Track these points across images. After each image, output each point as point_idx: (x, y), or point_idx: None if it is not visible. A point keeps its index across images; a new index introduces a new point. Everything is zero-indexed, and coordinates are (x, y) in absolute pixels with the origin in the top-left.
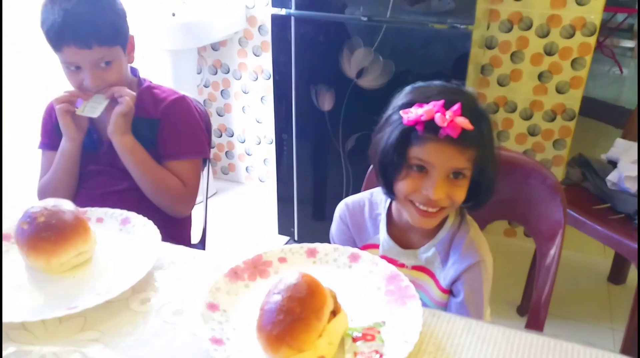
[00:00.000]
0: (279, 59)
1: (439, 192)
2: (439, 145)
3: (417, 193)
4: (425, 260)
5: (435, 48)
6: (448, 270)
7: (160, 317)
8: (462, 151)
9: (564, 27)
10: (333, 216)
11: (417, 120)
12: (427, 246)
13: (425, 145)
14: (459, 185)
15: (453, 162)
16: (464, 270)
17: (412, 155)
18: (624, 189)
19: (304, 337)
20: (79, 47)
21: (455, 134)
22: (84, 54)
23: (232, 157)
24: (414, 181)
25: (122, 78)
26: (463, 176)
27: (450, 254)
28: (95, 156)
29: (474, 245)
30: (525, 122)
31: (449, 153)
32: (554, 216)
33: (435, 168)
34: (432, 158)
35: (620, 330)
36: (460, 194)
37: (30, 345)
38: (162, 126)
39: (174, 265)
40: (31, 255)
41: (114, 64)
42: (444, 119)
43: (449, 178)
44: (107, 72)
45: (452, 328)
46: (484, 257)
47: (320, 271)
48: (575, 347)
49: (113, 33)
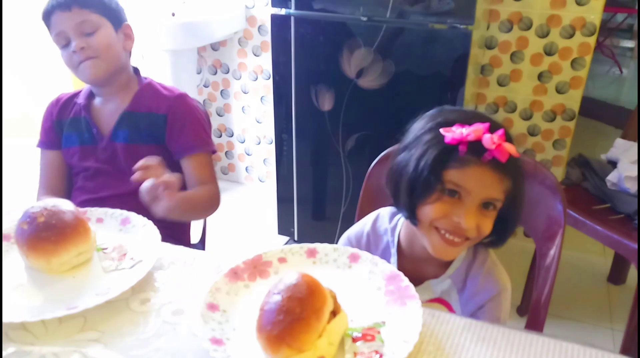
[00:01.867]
0: (279, 59)
1: (470, 221)
2: (480, 170)
3: (445, 219)
4: (441, 292)
5: (435, 48)
6: (467, 301)
7: (160, 317)
8: (501, 180)
9: (564, 27)
10: (332, 215)
11: (461, 139)
12: (442, 277)
13: (465, 169)
14: (488, 216)
15: (490, 190)
16: (486, 302)
17: (448, 178)
18: (624, 189)
19: (304, 337)
20: (61, 11)
21: (504, 159)
22: (64, 17)
23: (231, 157)
24: (444, 206)
25: (111, 51)
26: (494, 207)
27: (467, 284)
28: (94, 150)
29: (493, 274)
30: (525, 123)
31: (489, 179)
32: (554, 216)
33: (470, 195)
34: (470, 183)
35: (620, 331)
36: (488, 226)
37: (30, 345)
38: (171, 122)
39: (174, 265)
40: (31, 255)
41: (99, 32)
42: (493, 142)
43: (480, 208)
44: (92, 39)
45: (451, 328)
46: (505, 285)
47: (320, 272)
48: (575, 347)
49: (97, 1)
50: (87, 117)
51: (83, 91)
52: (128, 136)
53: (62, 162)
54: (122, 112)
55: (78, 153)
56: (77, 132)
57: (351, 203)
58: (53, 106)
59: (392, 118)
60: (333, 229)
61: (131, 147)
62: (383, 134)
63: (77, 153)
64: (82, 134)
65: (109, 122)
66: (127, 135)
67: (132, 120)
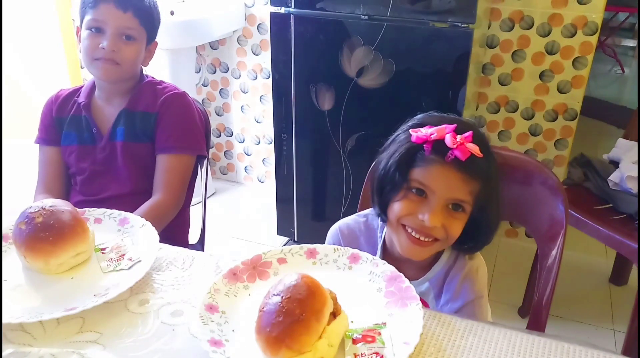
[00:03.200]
0: (279, 58)
1: (434, 219)
2: (444, 169)
3: (411, 217)
4: (419, 293)
5: (436, 47)
6: (442, 307)
7: (159, 318)
8: (466, 181)
9: (565, 26)
10: (332, 216)
11: (426, 138)
12: (421, 280)
13: (429, 167)
14: (456, 218)
15: (455, 191)
16: (459, 308)
17: (414, 177)
18: (626, 189)
19: (304, 339)
20: (116, 7)
21: (463, 157)
22: (117, 15)
23: (231, 157)
24: (410, 204)
25: (134, 64)
26: (462, 210)
27: (444, 289)
28: (92, 150)
29: (469, 282)
30: (526, 122)
31: (453, 180)
32: (556, 216)
33: (435, 194)
34: (434, 182)
35: (621, 331)
36: (457, 228)
37: (28, 346)
38: (159, 120)
39: (173, 265)
40: (29, 255)
41: (135, 42)
42: (455, 141)
43: (448, 209)
44: (126, 46)
45: (453, 329)
46: (480, 293)
47: (320, 273)
48: (577, 348)
49: (149, 14)
50: (87, 116)
51: (83, 89)
52: (125, 134)
53: (61, 158)
54: (120, 111)
55: (76, 151)
56: (77, 130)
57: (351, 204)
58: (52, 102)
59: (393, 118)
60: None
61: (128, 145)
62: (383, 133)
63: (75, 151)
64: (82, 133)
65: (109, 121)
66: (124, 133)
67: (129, 118)
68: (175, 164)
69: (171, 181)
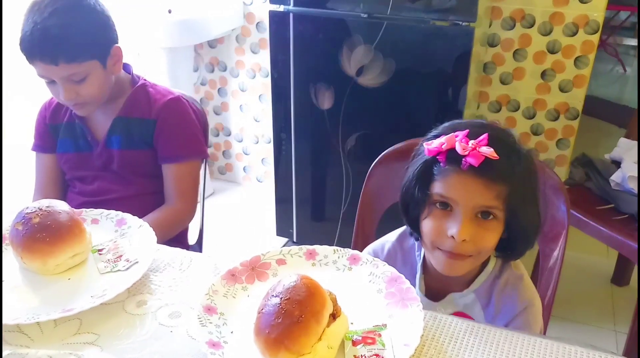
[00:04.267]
0: (278, 56)
1: (464, 232)
2: (462, 178)
3: (442, 237)
4: (464, 306)
5: (436, 46)
6: (494, 318)
7: (157, 320)
8: (488, 186)
9: (567, 25)
10: (331, 216)
11: (438, 150)
12: (466, 291)
13: (447, 178)
14: (488, 228)
15: (478, 198)
16: (513, 318)
17: (434, 191)
18: (628, 189)
19: (303, 341)
20: (45, 64)
21: (476, 163)
22: (52, 69)
23: (229, 157)
24: (437, 220)
25: (101, 92)
26: (493, 217)
27: (492, 301)
28: (89, 157)
29: (519, 290)
30: (528, 122)
31: (473, 186)
32: (557, 216)
33: (459, 205)
34: (455, 193)
35: (623, 332)
36: (489, 238)
37: (25, 347)
38: (159, 128)
39: (170, 267)
40: (26, 256)
41: (89, 79)
42: (466, 148)
43: (477, 218)
44: (81, 87)
45: (453, 331)
46: (532, 301)
47: (319, 274)
48: (578, 350)
49: (84, 49)
50: (80, 123)
51: None
52: (121, 142)
53: (57, 165)
54: (115, 118)
55: (73, 159)
56: (72, 138)
57: (351, 204)
58: (45, 108)
59: (393, 117)
60: (333, 230)
61: (126, 153)
62: (384, 133)
63: (72, 159)
64: (77, 140)
65: (103, 128)
66: (120, 141)
67: (124, 126)
68: (185, 172)
69: (184, 189)
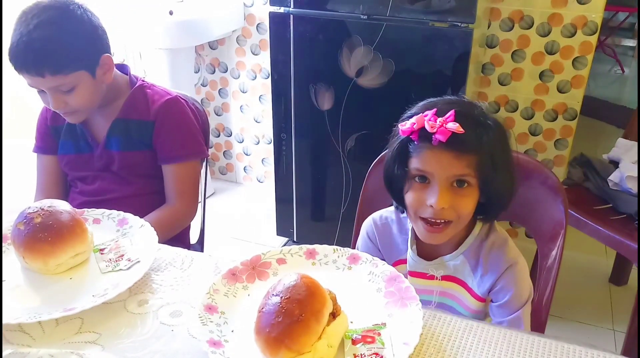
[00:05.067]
0: (278, 57)
1: (442, 200)
2: (434, 152)
3: (423, 207)
4: (454, 268)
5: (435, 47)
6: (482, 278)
7: (158, 319)
8: (458, 157)
9: (565, 26)
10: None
11: (411, 130)
12: (455, 253)
13: (421, 154)
14: (464, 195)
15: (451, 168)
16: (499, 277)
17: (412, 166)
18: (626, 189)
19: (303, 340)
20: (32, 76)
21: (444, 139)
22: (39, 80)
23: (230, 157)
24: (418, 193)
25: (91, 101)
26: (468, 184)
27: (480, 261)
28: (90, 158)
29: (504, 250)
30: (526, 122)
31: (445, 159)
32: (556, 216)
33: (434, 176)
34: (429, 166)
35: (621, 332)
36: (466, 204)
37: (27, 346)
38: (157, 129)
39: (172, 266)
40: (28, 256)
41: (77, 89)
42: (434, 126)
43: (453, 187)
44: (70, 97)
45: (452, 330)
46: (517, 259)
47: (319, 273)
48: (577, 349)
49: (70, 61)
50: (80, 125)
51: None
52: (121, 143)
53: (59, 166)
54: (114, 120)
55: (74, 160)
56: (73, 140)
57: (351, 204)
58: (46, 110)
59: (393, 117)
60: (333, 230)
61: (125, 155)
62: (383, 133)
63: (73, 160)
64: (77, 141)
65: (102, 130)
66: (119, 143)
67: (123, 127)
68: (185, 172)
69: (184, 189)
